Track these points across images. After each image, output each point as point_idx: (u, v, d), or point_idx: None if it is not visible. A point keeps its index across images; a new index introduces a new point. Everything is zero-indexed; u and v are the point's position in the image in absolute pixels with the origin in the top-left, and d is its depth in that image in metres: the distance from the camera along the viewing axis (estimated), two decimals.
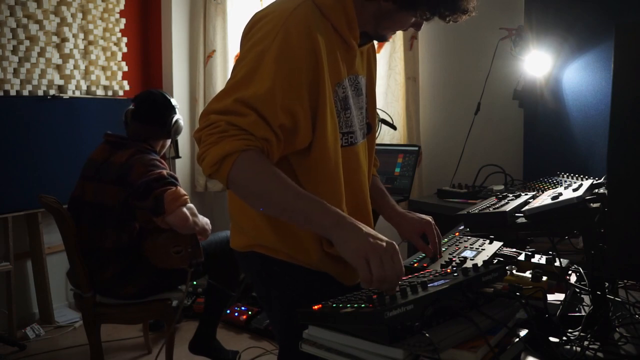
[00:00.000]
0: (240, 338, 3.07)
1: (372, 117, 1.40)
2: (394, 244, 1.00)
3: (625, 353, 0.97)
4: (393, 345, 0.83)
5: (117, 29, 3.59)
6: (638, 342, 1.00)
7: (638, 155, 0.92)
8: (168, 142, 2.54)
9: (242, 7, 3.78)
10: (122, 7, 3.63)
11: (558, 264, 1.22)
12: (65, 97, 3.28)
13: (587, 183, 1.33)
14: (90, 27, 3.42)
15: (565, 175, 1.63)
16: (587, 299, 1.15)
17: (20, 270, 3.24)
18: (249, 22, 1.19)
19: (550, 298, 1.10)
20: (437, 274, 1.06)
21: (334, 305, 0.93)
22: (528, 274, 1.16)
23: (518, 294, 0.96)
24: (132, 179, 2.20)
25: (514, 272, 1.18)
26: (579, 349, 0.96)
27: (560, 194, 1.21)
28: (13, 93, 3.04)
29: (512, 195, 1.43)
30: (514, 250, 1.37)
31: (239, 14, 3.78)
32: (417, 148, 2.90)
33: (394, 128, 3.08)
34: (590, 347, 0.97)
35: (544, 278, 1.13)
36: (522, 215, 1.22)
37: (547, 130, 2.64)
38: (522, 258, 1.29)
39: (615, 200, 0.96)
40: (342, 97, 1.22)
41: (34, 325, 3.13)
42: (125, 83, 3.64)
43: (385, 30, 1.27)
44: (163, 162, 2.34)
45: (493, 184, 2.57)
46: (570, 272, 1.24)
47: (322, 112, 1.16)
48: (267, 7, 1.20)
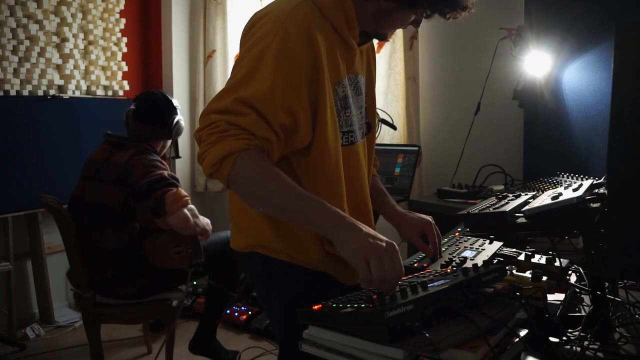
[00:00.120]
0: (240, 338, 3.07)
1: (371, 116, 1.41)
2: (394, 244, 1.00)
3: (625, 353, 0.97)
4: (393, 345, 0.83)
5: (117, 29, 3.59)
6: (638, 342, 1.00)
7: (638, 155, 0.92)
8: (169, 142, 2.54)
9: (242, 7, 3.78)
10: (122, 7, 3.63)
11: (558, 264, 1.22)
12: (65, 97, 3.28)
13: (587, 183, 1.33)
14: (90, 27, 3.42)
15: (565, 175, 1.63)
16: (587, 299, 1.15)
17: (20, 270, 3.24)
18: (249, 21, 1.19)
19: (550, 298, 1.10)
20: (437, 274, 1.06)
21: (334, 305, 0.93)
22: (528, 274, 1.16)
23: (518, 294, 0.96)
24: (133, 180, 2.20)
25: (514, 272, 1.18)
26: (579, 349, 0.96)
27: (560, 194, 1.21)
28: (13, 93, 3.04)
29: (512, 195, 1.43)
30: (514, 250, 1.37)
31: (239, 14, 3.78)
32: (417, 148, 2.90)
33: (394, 128, 3.08)
34: (590, 347, 0.97)
35: (544, 278, 1.13)
36: (522, 215, 1.22)
37: (547, 130, 2.64)
38: (522, 258, 1.29)
39: (615, 200, 0.96)
40: (341, 96, 1.22)
41: (34, 325, 3.13)
42: (125, 83, 3.64)
43: (386, 29, 1.27)
44: (164, 162, 2.34)
45: (493, 184, 2.57)
46: (570, 272, 1.24)
47: (322, 111, 1.16)
48: (266, 6, 1.20)
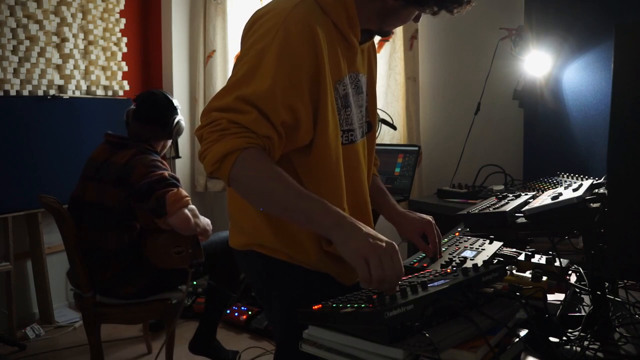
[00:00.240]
0: (240, 338, 3.07)
1: (372, 115, 1.40)
2: (394, 244, 1.00)
3: (625, 353, 0.97)
4: (393, 345, 0.83)
5: (117, 29, 3.59)
6: (638, 342, 1.00)
7: (638, 155, 0.92)
8: (169, 142, 2.54)
9: (242, 7, 3.78)
10: (122, 7, 3.63)
11: (558, 264, 1.22)
12: (65, 97, 3.28)
13: (587, 183, 1.33)
14: (90, 27, 3.42)
15: (565, 175, 1.63)
16: (587, 299, 1.15)
17: (20, 270, 3.24)
18: (250, 20, 1.19)
19: (550, 298, 1.10)
20: (437, 274, 1.06)
21: (334, 305, 0.93)
22: (528, 274, 1.16)
23: (518, 294, 0.96)
24: (133, 180, 2.20)
25: (514, 272, 1.18)
26: (579, 349, 0.96)
27: (560, 194, 1.21)
28: (13, 93, 3.04)
29: (512, 195, 1.43)
30: (514, 250, 1.37)
31: (239, 14, 3.78)
32: (417, 148, 2.90)
33: (394, 128, 3.07)
34: (590, 347, 0.97)
35: (544, 278, 1.13)
36: (522, 215, 1.22)
37: (547, 130, 2.64)
38: (522, 258, 1.29)
39: (615, 200, 0.96)
40: (342, 94, 1.22)
41: (34, 325, 3.12)
42: (125, 83, 3.64)
43: (390, 27, 1.28)
44: (164, 163, 2.34)
45: (493, 184, 2.57)
46: (570, 272, 1.24)
47: (323, 109, 1.16)
48: (267, 4, 1.19)
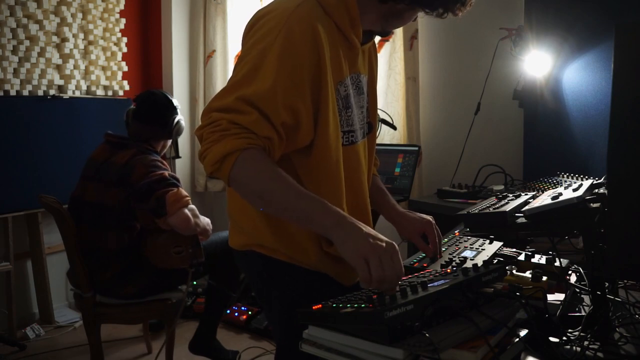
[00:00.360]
0: (240, 338, 3.07)
1: (373, 116, 1.40)
2: (394, 244, 1.00)
3: (625, 353, 0.97)
4: (393, 345, 0.83)
5: (117, 29, 3.59)
6: (638, 342, 0.99)
7: (638, 155, 0.92)
8: (169, 142, 2.54)
9: (242, 7, 3.78)
10: (122, 7, 3.63)
11: (558, 264, 1.22)
12: (65, 97, 3.28)
13: (587, 183, 1.33)
14: (90, 27, 3.42)
15: (565, 175, 1.63)
16: (587, 299, 1.15)
17: (20, 270, 3.24)
18: (251, 19, 1.19)
19: (550, 298, 1.10)
20: (437, 274, 1.06)
21: (334, 305, 0.93)
22: (528, 274, 1.16)
23: (518, 294, 0.96)
24: (133, 180, 2.20)
25: (514, 272, 1.18)
26: (579, 349, 0.96)
27: (560, 194, 1.21)
28: (13, 93, 3.04)
29: (512, 195, 1.43)
30: (514, 250, 1.37)
31: (239, 14, 3.78)
32: (417, 148, 2.90)
33: (394, 128, 3.07)
34: (590, 347, 0.97)
35: (544, 278, 1.13)
36: (522, 215, 1.22)
37: (547, 130, 2.63)
38: (522, 258, 1.29)
39: (615, 200, 0.96)
40: (343, 95, 1.22)
41: (34, 325, 3.13)
42: (125, 83, 3.64)
43: (392, 27, 1.28)
44: (164, 162, 2.34)
45: (493, 184, 2.57)
46: (570, 272, 1.24)
47: (324, 109, 1.16)
48: (268, 4, 1.19)
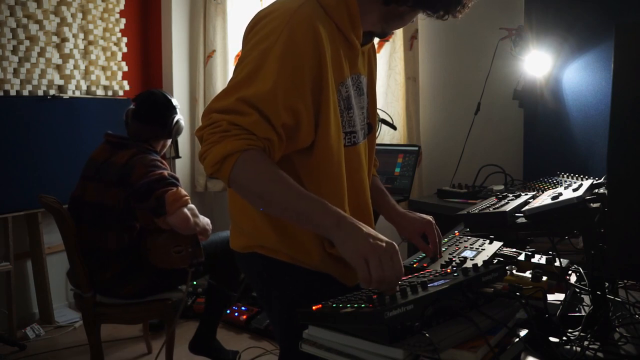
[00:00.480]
0: (240, 338, 3.07)
1: (372, 117, 1.40)
2: (394, 245, 1.00)
3: (625, 353, 0.97)
4: (393, 345, 0.83)
5: (117, 29, 3.59)
6: (638, 342, 1.00)
7: (638, 155, 0.92)
8: (169, 142, 2.54)
9: (242, 7, 3.78)
10: (122, 7, 3.63)
11: (558, 264, 1.22)
12: (65, 97, 3.28)
13: (587, 183, 1.33)
14: (90, 27, 3.42)
15: (565, 175, 1.63)
16: (587, 299, 1.15)
17: (20, 270, 3.24)
18: (252, 20, 1.19)
19: (550, 298, 1.10)
20: (437, 274, 1.06)
21: (334, 305, 0.93)
22: (528, 274, 1.16)
23: (518, 294, 0.96)
24: (133, 180, 2.20)
25: (514, 272, 1.18)
26: (579, 349, 0.96)
27: (560, 194, 1.21)
28: (13, 93, 3.04)
29: (512, 195, 1.43)
30: (514, 250, 1.37)
31: (239, 14, 3.78)
32: (417, 148, 2.90)
33: (394, 128, 3.07)
34: (590, 347, 0.97)
35: (544, 278, 1.13)
36: (522, 215, 1.22)
37: (547, 130, 2.63)
38: (522, 258, 1.29)
39: (615, 200, 0.96)
40: (345, 96, 1.22)
41: (34, 325, 3.13)
42: (125, 83, 3.64)
43: (392, 29, 1.29)
44: (164, 162, 2.34)
45: (493, 184, 2.57)
46: (570, 272, 1.24)
47: (325, 110, 1.15)
48: (269, 5, 1.19)
